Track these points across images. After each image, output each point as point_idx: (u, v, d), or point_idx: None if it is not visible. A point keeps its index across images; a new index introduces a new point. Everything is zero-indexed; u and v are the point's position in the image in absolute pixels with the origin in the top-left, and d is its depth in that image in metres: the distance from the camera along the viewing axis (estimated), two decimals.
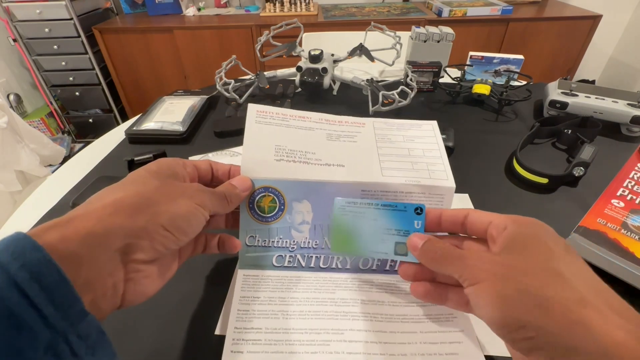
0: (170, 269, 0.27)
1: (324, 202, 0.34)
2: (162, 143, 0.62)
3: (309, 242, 0.34)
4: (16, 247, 0.17)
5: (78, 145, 2.13)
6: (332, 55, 0.78)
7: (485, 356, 0.30)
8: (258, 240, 0.34)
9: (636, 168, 0.43)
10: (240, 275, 0.34)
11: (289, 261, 0.34)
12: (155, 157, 0.54)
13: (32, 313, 0.16)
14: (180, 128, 0.63)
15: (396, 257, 0.30)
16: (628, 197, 0.39)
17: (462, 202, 0.47)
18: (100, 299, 0.20)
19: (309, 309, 0.31)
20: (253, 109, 0.36)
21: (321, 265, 0.35)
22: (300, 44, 0.84)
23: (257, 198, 0.33)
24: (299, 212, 0.34)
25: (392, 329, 0.30)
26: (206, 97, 0.75)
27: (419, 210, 0.31)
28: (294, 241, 0.34)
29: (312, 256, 0.34)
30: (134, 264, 0.22)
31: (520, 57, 0.84)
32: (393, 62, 0.85)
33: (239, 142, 0.61)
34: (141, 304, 0.23)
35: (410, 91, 0.66)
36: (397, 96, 0.65)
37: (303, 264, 0.34)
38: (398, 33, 0.83)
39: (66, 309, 0.17)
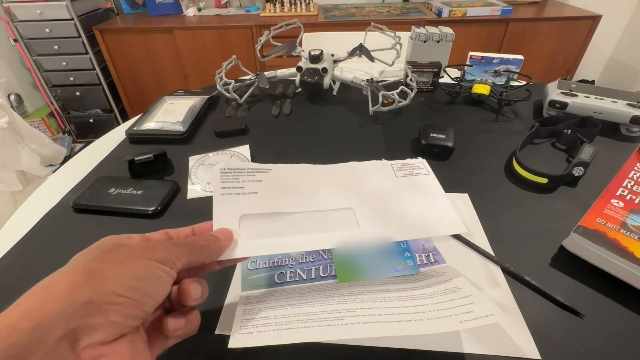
0: (157, 341, 0.23)
1: None
2: (162, 143, 0.62)
3: (305, 257, 0.38)
4: None
5: (79, 145, 2.14)
6: (332, 55, 0.78)
7: (486, 355, 0.30)
8: (259, 264, 0.37)
9: (635, 168, 0.43)
10: (244, 295, 0.34)
11: (290, 276, 0.36)
12: (156, 157, 0.54)
13: None
14: (180, 128, 0.63)
15: (397, 274, 0.35)
16: (627, 197, 0.40)
17: (462, 202, 0.47)
18: None
19: (317, 300, 0.32)
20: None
21: (321, 275, 0.36)
22: (300, 44, 0.84)
23: None
24: None
25: (403, 305, 0.30)
26: (206, 97, 0.75)
27: None
28: (292, 258, 0.38)
29: (311, 269, 0.37)
30: (91, 350, 0.18)
31: (520, 57, 0.84)
32: (393, 62, 0.85)
33: (239, 142, 0.61)
34: None
35: (410, 91, 0.66)
36: (397, 96, 0.65)
37: (304, 276, 0.36)
38: (398, 33, 0.83)
39: None
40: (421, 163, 0.43)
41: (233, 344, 0.27)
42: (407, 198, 0.38)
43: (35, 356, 0.16)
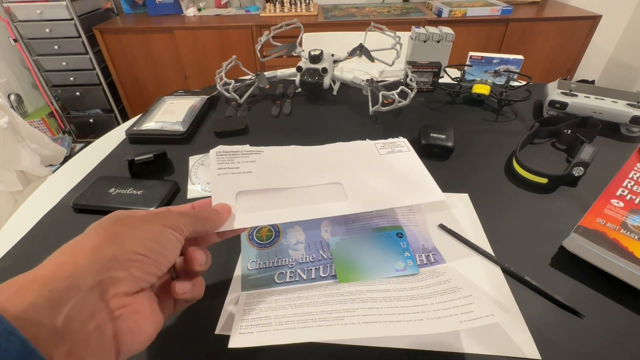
0: (166, 305, 0.26)
1: (311, 224, 0.40)
2: (162, 143, 0.62)
3: (305, 257, 0.38)
4: None
5: (79, 145, 2.14)
6: (332, 55, 0.78)
7: (486, 355, 0.30)
8: (259, 264, 0.37)
9: (635, 168, 0.43)
10: (244, 295, 0.34)
11: (290, 276, 0.36)
12: (156, 157, 0.54)
13: None
14: (180, 128, 0.63)
15: (397, 274, 0.35)
16: (627, 197, 0.40)
17: (462, 202, 0.47)
18: (81, 346, 0.18)
19: (317, 300, 0.32)
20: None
21: (321, 275, 0.36)
22: (300, 44, 0.84)
23: (255, 230, 0.39)
24: (292, 235, 0.40)
25: (403, 305, 0.30)
26: (206, 97, 0.75)
27: (399, 234, 0.39)
28: (292, 259, 0.37)
29: (311, 269, 0.36)
30: (118, 299, 0.20)
31: (520, 57, 0.84)
32: (393, 62, 0.85)
33: (239, 142, 0.61)
34: None
35: (410, 91, 0.66)
36: (397, 96, 0.65)
37: (304, 277, 0.36)
38: (398, 33, 0.83)
39: None
40: (402, 142, 0.46)
41: (233, 344, 0.27)
42: (390, 171, 0.40)
43: (71, 301, 0.18)
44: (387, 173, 0.40)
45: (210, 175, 0.34)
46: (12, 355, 0.15)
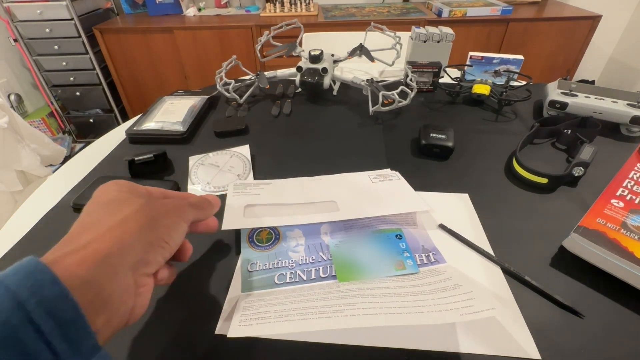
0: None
1: (311, 228, 0.41)
2: (162, 143, 0.62)
3: (305, 258, 0.38)
4: (35, 280, 0.18)
5: (79, 145, 2.14)
6: (332, 55, 0.78)
7: (486, 355, 0.30)
8: (259, 266, 0.37)
9: (635, 168, 0.43)
10: (244, 295, 0.34)
11: (290, 277, 0.36)
12: (156, 157, 0.54)
13: (45, 350, 0.17)
14: (180, 128, 0.63)
15: (397, 273, 0.35)
16: (627, 197, 0.40)
17: (462, 202, 0.47)
18: (114, 316, 0.21)
19: (317, 296, 0.32)
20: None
21: (321, 275, 0.36)
22: (300, 44, 0.84)
23: (255, 232, 0.40)
24: (292, 238, 0.40)
25: (404, 300, 0.30)
26: (206, 97, 0.75)
27: (398, 235, 0.40)
28: (292, 260, 0.38)
29: (311, 270, 0.36)
30: (142, 278, 0.24)
31: (520, 57, 0.84)
32: (393, 62, 0.85)
33: (239, 142, 0.61)
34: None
35: (410, 91, 0.66)
36: (397, 96, 0.65)
37: (304, 277, 0.36)
38: (398, 33, 0.83)
39: (79, 345, 0.18)
40: (394, 173, 0.50)
41: (232, 333, 0.27)
42: (381, 192, 0.46)
43: (118, 276, 0.21)
44: (378, 193, 0.45)
45: (227, 197, 0.43)
46: (66, 317, 0.18)
